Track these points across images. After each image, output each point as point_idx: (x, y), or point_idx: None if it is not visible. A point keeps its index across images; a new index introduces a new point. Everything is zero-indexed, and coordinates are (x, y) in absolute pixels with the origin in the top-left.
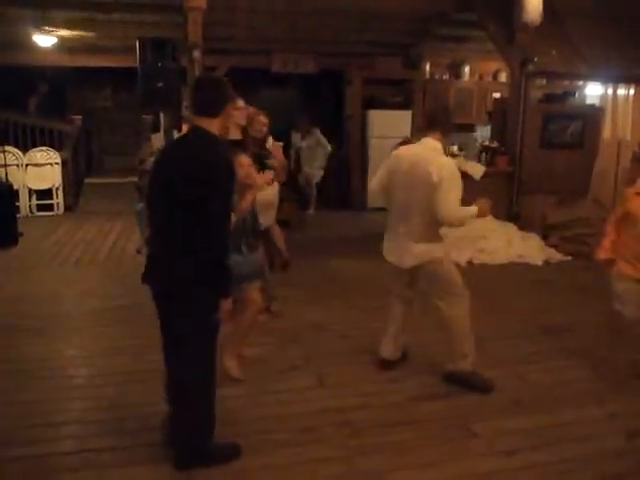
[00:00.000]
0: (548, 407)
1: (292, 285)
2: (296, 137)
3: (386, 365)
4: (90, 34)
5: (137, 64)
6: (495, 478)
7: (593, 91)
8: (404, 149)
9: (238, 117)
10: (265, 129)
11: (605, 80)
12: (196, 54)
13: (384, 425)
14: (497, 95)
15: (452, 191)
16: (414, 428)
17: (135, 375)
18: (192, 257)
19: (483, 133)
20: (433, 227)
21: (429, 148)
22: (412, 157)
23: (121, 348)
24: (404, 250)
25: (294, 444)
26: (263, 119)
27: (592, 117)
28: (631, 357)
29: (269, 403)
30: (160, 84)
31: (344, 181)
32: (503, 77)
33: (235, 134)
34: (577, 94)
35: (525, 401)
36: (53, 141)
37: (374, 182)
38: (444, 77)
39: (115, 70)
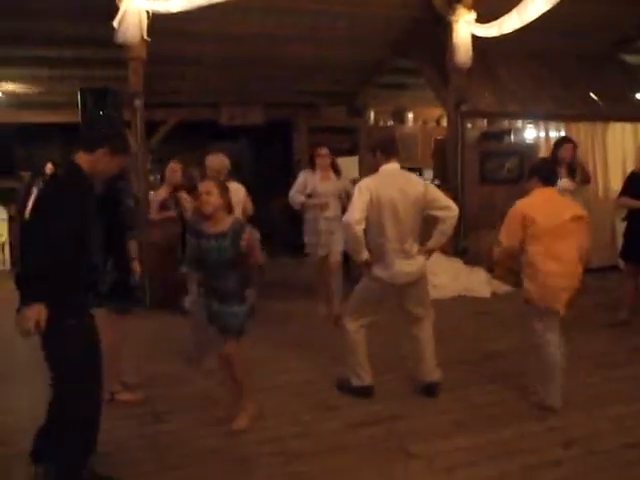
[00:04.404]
0: (489, 426)
1: None
2: (312, 178)
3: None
4: (36, 90)
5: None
6: None
7: (530, 130)
8: (377, 180)
9: None
10: None
11: (535, 118)
12: (137, 103)
13: (321, 452)
14: (439, 137)
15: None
16: (352, 453)
17: None
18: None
19: (429, 176)
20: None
21: (400, 171)
22: (396, 183)
23: None
24: (408, 267)
25: (227, 475)
26: None
27: (527, 154)
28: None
29: (204, 436)
30: None
31: (295, 228)
32: (446, 122)
33: None
34: (512, 133)
35: (466, 421)
36: (0, 197)
37: (357, 216)
38: (388, 123)
39: (63, 126)
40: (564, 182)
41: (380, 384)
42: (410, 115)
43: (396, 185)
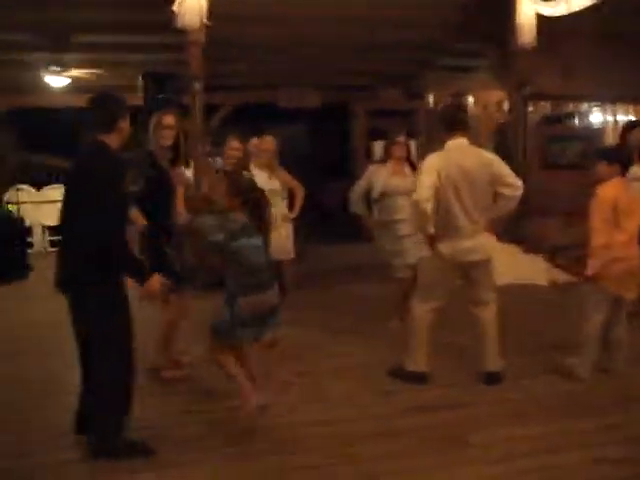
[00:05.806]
0: (549, 417)
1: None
2: (381, 172)
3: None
4: (100, 73)
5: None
6: None
7: (596, 113)
8: (442, 156)
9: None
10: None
11: (603, 100)
12: (197, 87)
13: (376, 435)
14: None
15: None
16: (407, 438)
17: None
18: (78, 251)
19: None
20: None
21: (468, 146)
22: (462, 158)
23: None
24: (473, 244)
25: (283, 453)
26: None
27: (593, 138)
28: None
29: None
30: None
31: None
32: (507, 106)
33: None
34: (577, 116)
35: (525, 412)
36: None
37: (425, 194)
38: None
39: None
40: (636, 170)
41: (440, 370)
42: (470, 99)
43: (463, 161)
